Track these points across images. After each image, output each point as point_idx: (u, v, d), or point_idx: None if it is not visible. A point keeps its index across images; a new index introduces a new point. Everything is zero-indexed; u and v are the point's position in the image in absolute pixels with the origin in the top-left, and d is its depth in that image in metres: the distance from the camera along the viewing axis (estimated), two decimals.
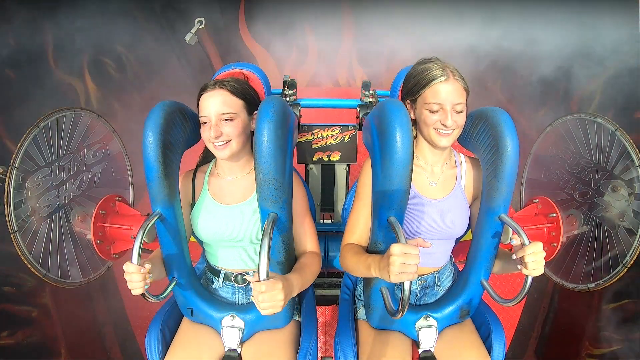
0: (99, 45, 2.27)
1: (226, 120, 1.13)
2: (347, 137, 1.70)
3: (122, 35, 2.47)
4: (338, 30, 3.83)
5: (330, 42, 3.86)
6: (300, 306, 1.37)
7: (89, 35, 2.13)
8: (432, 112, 1.10)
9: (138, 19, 2.63)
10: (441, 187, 1.21)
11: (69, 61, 2.03)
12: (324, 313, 2.41)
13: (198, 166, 1.33)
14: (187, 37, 3.05)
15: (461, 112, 1.11)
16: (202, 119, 1.15)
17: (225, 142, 1.13)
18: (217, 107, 1.13)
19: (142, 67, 2.70)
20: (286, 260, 1.15)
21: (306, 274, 1.15)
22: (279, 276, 1.00)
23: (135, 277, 0.99)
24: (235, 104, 1.15)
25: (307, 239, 1.25)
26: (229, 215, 1.20)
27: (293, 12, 3.57)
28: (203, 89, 1.17)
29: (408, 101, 1.18)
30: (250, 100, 1.19)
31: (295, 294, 1.08)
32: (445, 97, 1.08)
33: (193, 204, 1.26)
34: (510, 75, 2.79)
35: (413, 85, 1.14)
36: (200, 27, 3.10)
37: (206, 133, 1.14)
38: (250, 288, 1.28)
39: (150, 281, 1.02)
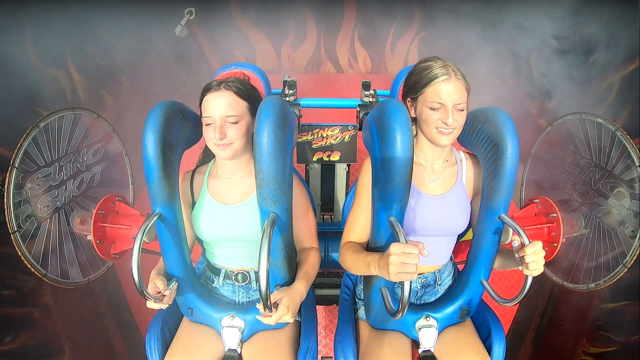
0: (83, 34, 2.23)
1: (231, 123, 1.13)
2: (347, 137, 1.70)
3: (108, 25, 2.42)
4: (340, 8, 3.62)
5: (330, 21, 3.66)
6: (300, 306, 1.37)
7: (73, 26, 2.10)
8: (433, 110, 1.10)
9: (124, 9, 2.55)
10: (442, 184, 1.21)
11: (51, 53, 1.99)
12: (324, 313, 2.41)
13: (197, 167, 1.33)
14: (177, 30, 2.93)
15: (462, 110, 1.11)
16: (205, 120, 1.14)
17: (228, 143, 1.13)
18: (222, 108, 1.13)
19: (130, 58, 2.63)
20: (286, 260, 1.15)
21: (310, 274, 1.20)
22: (285, 292, 1.07)
23: (154, 305, 1.08)
24: (240, 106, 1.15)
25: (308, 236, 1.28)
26: (229, 216, 1.20)
27: None
28: (207, 89, 1.16)
29: (409, 99, 1.18)
30: (254, 102, 1.19)
31: (303, 299, 1.14)
32: (447, 96, 1.08)
33: (193, 204, 1.26)
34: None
35: (414, 84, 1.14)
36: (191, 18, 2.98)
37: (209, 133, 1.14)
38: (250, 287, 1.28)
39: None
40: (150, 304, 1.07)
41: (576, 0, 2.19)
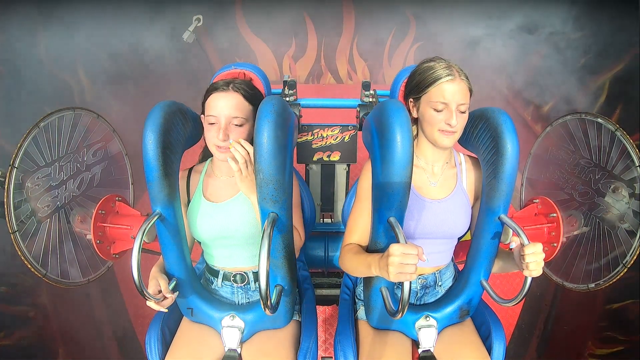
0: (94, 41, 2.26)
1: (236, 125, 1.13)
2: (347, 137, 1.70)
3: (118, 33, 2.45)
4: (339, 21, 3.72)
5: (330, 33, 3.76)
6: (301, 306, 1.37)
7: (83, 31, 2.12)
8: (437, 111, 1.10)
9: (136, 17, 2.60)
10: (442, 187, 1.21)
11: (63, 57, 2.02)
12: (323, 313, 2.41)
13: (193, 166, 1.33)
14: (185, 35, 3.02)
15: (464, 112, 1.11)
16: (209, 119, 1.14)
17: (229, 147, 1.13)
18: (229, 110, 1.12)
19: (140, 65, 2.67)
20: (286, 260, 1.15)
21: None
22: None
23: (154, 306, 1.09)
24: (246, 109, 1.15)
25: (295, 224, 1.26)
26: (219, 213, 1.20)
27: (292, 3, 3.49)
28: (214, 88, 1.15)
29: (411, 99, 1.18)
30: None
31: None
32: (451, 96, 1.08)
33: (189, 203, 1.26)
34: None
35: (417, 84, 1.14)
36: (198, 24, 3.06)
37: (212, 133, 1.13)
38: (249, 288, 1.28)
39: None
40: (151, 304, 1.08)
41: (569, 2, 2.21)
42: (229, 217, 1.20)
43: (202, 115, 1.20)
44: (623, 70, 1.89)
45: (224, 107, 1.12)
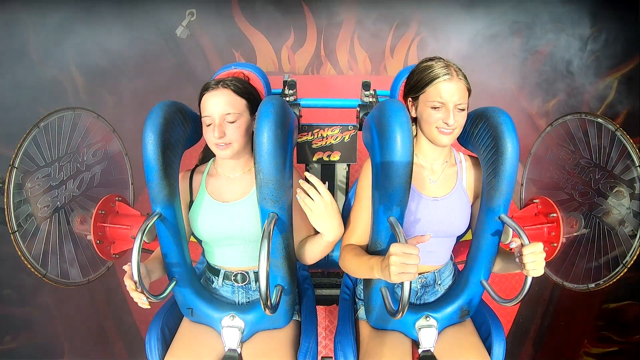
0: (85, 37, 2.24)
1: (230, 122, 1.13)
2: (347, 137, 1.70)
3: (110, 29, 2.43)
4: (339, 10, 3.65)
5: (330, 23, 3.70)
6: (300, 306, 1.37)
7: (74, 27, 2.11)
8: (434, 109, 1.10)
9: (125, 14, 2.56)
10: (441, 185, 1.21)
11: (54, 55, 2.01)
12: (324, 313, 2.41)
13: (196, 166, 1.33)
14: (179, 31, 2.95)
15: (463, 110, 1.11)
16: (205, 119, 1.14)
17: (227, 143, 1.13)
18: (221, 107, 1.13)
19: (131, 59, 2.64)
20: (286, 260, 1.15)
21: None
22: None
23: (135, 294, 1.01)
24: (239, 104, 1.15)
25: (308, 227, 1.23)
26: (227, 213, 1.20)
27: None
28: (205, 89, 1.16)
29: (410, 99, 1.18)
30: (253, 100, 1.19)
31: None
32: (449, 96, 1.08)
33: (191, 203, 1.26)
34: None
35: (416, 83, 1.14)
36: (192, 19, 3.01)
37: (209, 133, 1.14)
38: (250, 287, 1.28)
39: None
40: (134, 296, 1.02)
41: (575, 0, 2.21)
42: (235, 218, 1.20)
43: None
44: (633, 69, 1.88)
45: (215, 105, 1.13)
